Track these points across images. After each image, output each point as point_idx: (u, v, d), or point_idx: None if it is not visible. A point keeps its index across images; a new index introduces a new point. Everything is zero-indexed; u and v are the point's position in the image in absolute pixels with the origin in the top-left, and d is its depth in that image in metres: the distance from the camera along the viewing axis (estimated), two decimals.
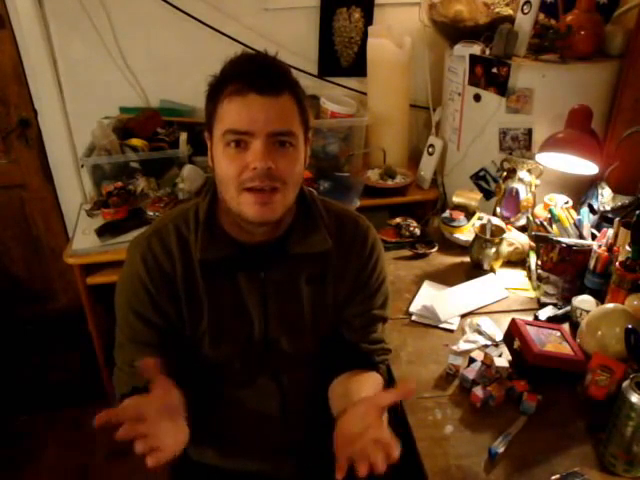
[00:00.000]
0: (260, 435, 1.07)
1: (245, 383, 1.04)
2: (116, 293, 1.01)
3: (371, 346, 1.06)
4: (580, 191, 1.68)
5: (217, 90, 0.89)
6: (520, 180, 1.69)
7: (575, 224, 1.49)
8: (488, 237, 1.52)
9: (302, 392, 1.07)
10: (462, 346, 1.25)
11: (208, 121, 0.92)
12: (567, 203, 1.59)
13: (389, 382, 1.14)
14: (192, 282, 0.97)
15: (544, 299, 1.41)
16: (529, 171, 1.68)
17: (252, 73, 0.87)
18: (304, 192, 1.02)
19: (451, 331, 1.32)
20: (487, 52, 1.81)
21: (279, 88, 0.87)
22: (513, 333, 1.19)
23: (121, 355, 1.00)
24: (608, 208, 1.53)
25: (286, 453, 1.09)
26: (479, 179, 1.91)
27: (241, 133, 0.86)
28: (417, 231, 1.68)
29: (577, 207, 1.60)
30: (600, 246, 1.36)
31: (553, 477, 0.94)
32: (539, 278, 1.47)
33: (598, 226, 1.50)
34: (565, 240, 1.43)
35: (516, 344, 1.17)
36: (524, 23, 1.74)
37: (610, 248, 1.34)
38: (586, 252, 1.39)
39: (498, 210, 1.74)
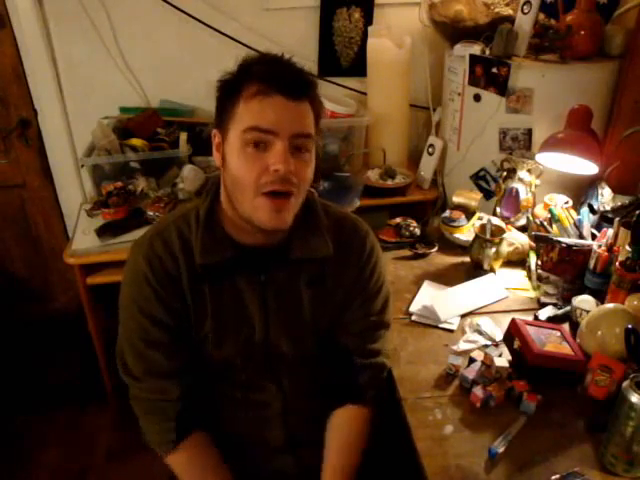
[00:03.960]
0: (261, 435, 1.08)
1: (246, 384, 1.04)
2: (121, 297, 1.01)
3: (366, 361, 1.07)
4: (580, 191, 1.68)
5: (236, 88, 0.88)
6: (520, 180, 1.68)
7: (575, 224, 1.49)
8: (488, 237, 1.52)
9: (302, 393, 1.07)
10: (462, 346, 1.25)
11: (221, 119, 0.91)
12: (567, 203, 1.59)
13: (388, 384, 1.15)
14: (196, 283, 0.97)
15: (544, 299, 1.41)
16: (529, 171, 1.68)
17: (280, 75, 0.87)
18: (306, 195, 1.02)
19: (451, 331, 1.32)
20: (487, 52, 1.81)
21: (303, 94, 0.89)
22: (513, 333, 1.19)
23: (139, 363, 0.99)
24: (608, 208, 1.53)
25: (287, 453, 1.09)
26: (479, 179, 1.91)
27: (264, 131, 0.86)
28: (417, 231, 1.68)
29: (577, 207, 1.60)
30: (600, 246, 1.36)
31: (553, 477, 0.94)
32: (539, 278, 1.47)
33: (598, 226, 1.50)
34: (565, 240, 1.42)
35: (516, 344, 1.17)
36: (524, 23, 1.74)
37: (610, 248, 1.34)
38: (586, 252, 1.39)
39: (498, 210, 1.74)
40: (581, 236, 1.46)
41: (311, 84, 0.92)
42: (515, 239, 1.58)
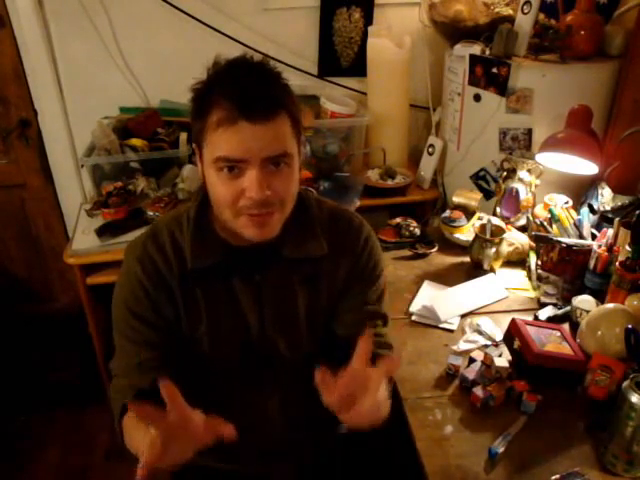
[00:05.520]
0: (260, 436, 1.07)
1: (244, 384, 1.04)
2: (114, 297, 1.01)
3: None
4: (580, 191, 1.68)
5: (204, 107, 0.85)
6: (520, 180, 1.68)
7: (575, 224, 1.49)
8: (488, 237, 1.52)
9: (301, 392, 1.07)
10: (462, 346, 1.25)
11: (196, 137, 0.89)
12: (567, 203, 1.59)
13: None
14: (189, 286, 0.97)
15: (544, 299, 1.41)
16: (529, 171, 1.68)
17: (242, 99, 0.81)
18: (300, 194, 1.01)
19: (451, 331, 1.32)
20: (487, 52, 1.81)
21: (271, 112, 0.83)
22: (513, 333, 1.19)
23: (122, 358, 0.99)
24: (608, 208, 1.53)
25: (286, 454, 1.09)
26: (479, 179, 1.91)
27: (234, 161, 0.84)
28: (417, 231, 1.68)
29: (577, 207, 1.60)
30: (600, 246, 1.36)
31: (553, 477, 0.95)
32: (539, 278, 1.47)
33: (598, 226, 1.50)
34: (565, 240, 1.43)
35: (516, 344, 1.17)
36: (524, 23, 1.74)
37: (610, 248, 1.34)
38: (586, 252, 1.39)
39: (498, 210, 1.74)
40: (581, 236, 1.46)
41: (280, 97, 0.85)
42: (515, 239, 1.58)
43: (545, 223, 1.54)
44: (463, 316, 1.36)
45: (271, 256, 0.98)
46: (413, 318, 1.36)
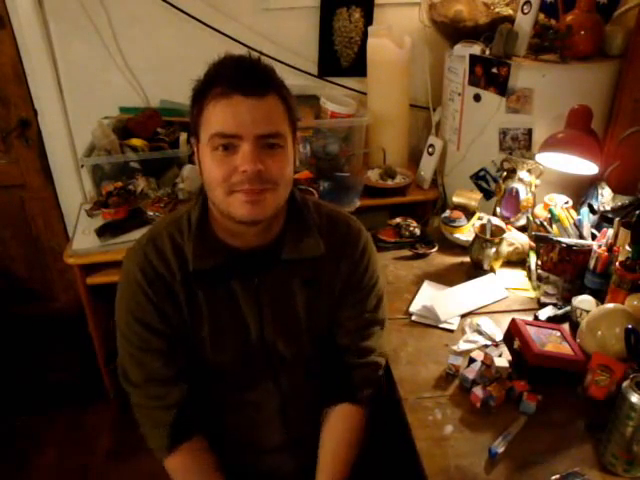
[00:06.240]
0: (260, 435, 1.08)
1: (245, 385, 1.05)
2: (117, 305, 1.01)
3: (360, 359, 1.07)
4: (580, 191, 1.68)
5: (201, 94, 0.89)
6: (520, 180, 1.68)
7: (575, 224, 1.49)
8: (488, 237, 1.52)
9: (301, 392, 1.07)
10: (462, 346, 1.25)
11: (193, 126, 0.92)
12: (567, 203, 1.59)
13: (388, 384, 1.15)
14: (190, 289, 0.97)
15: (544, 299, 1.41)
16: (529, 171, 1.68)
17: (236, 75, 0.86)
18: (295, 195, 1.02)
19: (451, 331, 1.32)
20: (487, 52, 1.81)
21: (264, 89, 0.87)
22: (513, 333, 1.19)
23: (138, 370, 0.99)
24: (608, 208, 1.53)
25: (286, 453, 1.09)
26: (479, 179, 1.91)
27: (229, 136, 0.86)
28: (417, 231, 1.68)
29: (577, 207, 1.60)
30: (600, 246, 1.36)
31: (553, 477, 0.94)
32: (539, 278, 1.47)
33: (598, 226, 1.50)
34: (565, 240, 1.43)
35: (516, 344, 1.17)
36: (524, 23, 1.74)
37: (610, 248, 1.34)
38: (586, 252, 1.39)
39: (498, 210, 1.74)
40: (581, 236, 1.46)
41: (272, 77, 0.90)
42: (515, 239, 1.58)
43: (545, 223, 1.53)
44: (463, 316, 1.36)
45: (270, 259, 0.99)
46: (413, 318, 1.36)
